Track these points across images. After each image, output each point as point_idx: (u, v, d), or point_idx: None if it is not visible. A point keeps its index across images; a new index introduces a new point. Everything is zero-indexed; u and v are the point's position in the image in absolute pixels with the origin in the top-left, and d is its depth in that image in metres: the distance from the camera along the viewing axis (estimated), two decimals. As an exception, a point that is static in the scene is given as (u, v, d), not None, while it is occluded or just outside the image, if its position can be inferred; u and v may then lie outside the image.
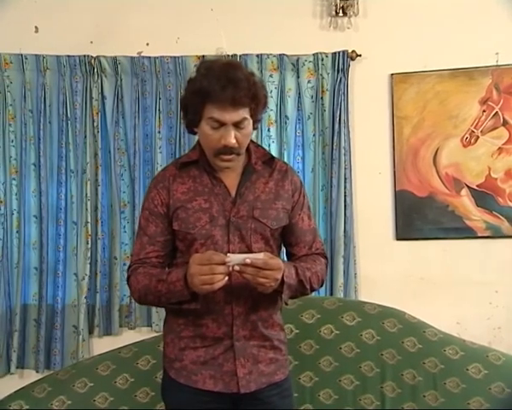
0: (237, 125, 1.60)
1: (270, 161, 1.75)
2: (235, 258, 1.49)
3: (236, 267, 1.49)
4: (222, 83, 1.55)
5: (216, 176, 1.68)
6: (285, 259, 1.80)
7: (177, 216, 1.67)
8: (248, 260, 1.49)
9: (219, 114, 1.58)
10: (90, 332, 3.15)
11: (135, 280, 1.68)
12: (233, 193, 1.68)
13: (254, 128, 1.73)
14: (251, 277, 1.50)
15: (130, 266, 1.73)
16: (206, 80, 1.58)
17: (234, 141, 1.60)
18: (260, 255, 1.51)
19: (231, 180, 1.69)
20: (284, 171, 1.76)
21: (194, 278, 1.49)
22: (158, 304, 1.71)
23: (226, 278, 1.50)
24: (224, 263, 1.48)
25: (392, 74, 3.15)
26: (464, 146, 3.10)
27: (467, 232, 3.10)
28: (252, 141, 1.76)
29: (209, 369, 1.65)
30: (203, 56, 3.07)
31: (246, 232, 1.66)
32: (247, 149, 1.72)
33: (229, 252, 1.58)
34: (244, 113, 1.60)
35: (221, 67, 1.60)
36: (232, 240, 1.64)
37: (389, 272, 3.10)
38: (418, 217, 3.13)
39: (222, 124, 1.59)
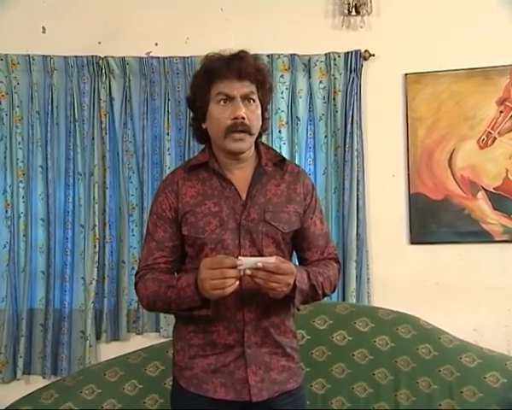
0: (245, 99, 1.63)
1: (281, 162, 1.75)
2: (246, 261, 1.49)
3: (248, 271, 1.48)
4: (226, 59, 1.63)
5: (226, 178, 1.67)
6: (296, 264, 1.79)
7: (186, 221, 1.66)
8: (260, 264, 1.48)
9: (227, 88, 1.63)
10: (98, 337, 3.16)
11: (143, 287, 1.67)
12: (243, 196, 1.67)
13: (264, 129, 1.75)
14: (262, 281, 1.49)
15: (137, 273, 1.72)
16: (210, 62, 1.66)
17: (244, 114, 1.61)
18: (272, 259, 1.50)
19: (241, 182, 1.68)
20: (296, 173, 1.75)
21: (205, 283, 1.48)
22: (167, 311, 1.69)
23: (237, 282, 1.49)
24: (235, 267, 1.47)
25: (406, 74, 3.13)
26: (481, 148, 3.08)
27: (483, 236, 3.07)
28: (262, 143, 1.78)
29: (220, 377, 1.64)
30: (213, 57, 3.08)
31: (257, 236, 1.64)
32: (258, 151, 1.73)
33: (240, 256, 1.56)
34: (251, 87, 1.65)
35: (225, 53, 1.67)
36: (243, 244, 1.63)
37: (403, 277, 3.08)
38: (433, 220, 3.11)
39: (230, 99, 1.63)
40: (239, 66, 1.62)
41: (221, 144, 1.67)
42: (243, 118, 1.61)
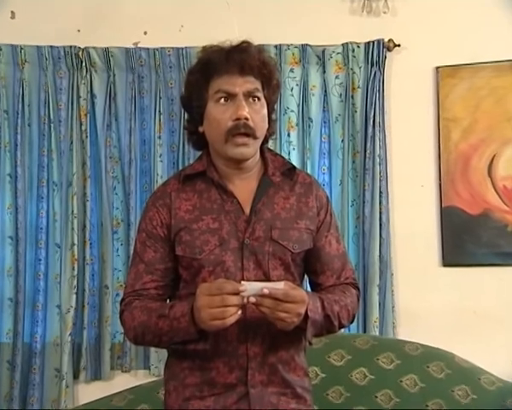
0: (249, 97, 1.65)
1: (290, 171, 1.76)
2: (250, 287, 1.49)
3: (252, 299, 1.49)
4: (227, 52, 1.65)
5: (226, 190, 1.69)
6: (308, 289, 1.81)
7: (180, 239, 1.67)
8: (266, 290, 1.48)
9: (227, 84, 1.64)
10: (76, 376, 3.17)
11: (130, 316, 1.68)
12: (247, 210, 1.68)
13: (271, 132, 1.78)
14: (269, 310, 1.50)
15: (123, 300, 1.73)
16: (208, 55, 1.68)
17: (247, 114, 1.63)
18: (280, 285, 1.51)
19: (245, 195, 1.70)
20: (308, 184, 1.77)
21: (203, 312, 1.49)
22: (158, 344, 1.71)
23: (240, 311, 1.50)
24: (237, 293, 1.48)
25: (437, 68, 3.16)
26: (527, 153, 3.10)
27: (529, 258, 3.08)
28: (268, 149, 1.80)
29: (219, 422, 1.65)
30: (211, 47, 3.11)
31: (262, 257, 1.66)
32: (263, 158, 1.75)
33: (243, 280, 1.58)
34: (255, 83, 1.67)
35: (224, 45, 1.68)
36: (246, 266, 1.65)
37: (434, 305, 3.08)
38: (470, 239, 3.12)
39: (231, 97, 1.64)
40: (241, 59, 1.64)
41: (221, 150, 1.68)
42: (246, 119, 1.63)
